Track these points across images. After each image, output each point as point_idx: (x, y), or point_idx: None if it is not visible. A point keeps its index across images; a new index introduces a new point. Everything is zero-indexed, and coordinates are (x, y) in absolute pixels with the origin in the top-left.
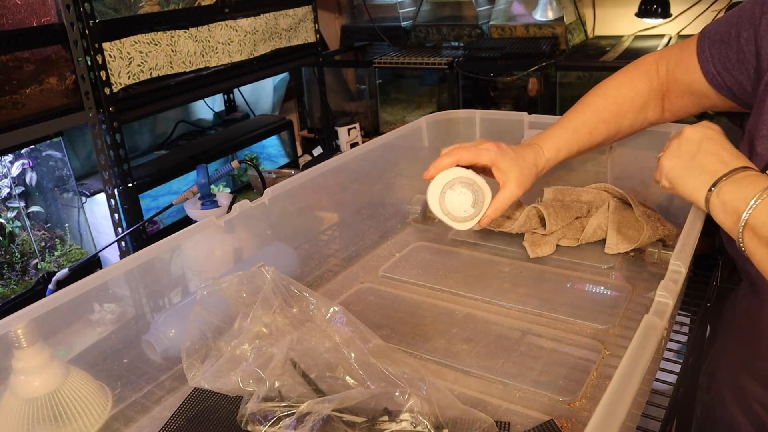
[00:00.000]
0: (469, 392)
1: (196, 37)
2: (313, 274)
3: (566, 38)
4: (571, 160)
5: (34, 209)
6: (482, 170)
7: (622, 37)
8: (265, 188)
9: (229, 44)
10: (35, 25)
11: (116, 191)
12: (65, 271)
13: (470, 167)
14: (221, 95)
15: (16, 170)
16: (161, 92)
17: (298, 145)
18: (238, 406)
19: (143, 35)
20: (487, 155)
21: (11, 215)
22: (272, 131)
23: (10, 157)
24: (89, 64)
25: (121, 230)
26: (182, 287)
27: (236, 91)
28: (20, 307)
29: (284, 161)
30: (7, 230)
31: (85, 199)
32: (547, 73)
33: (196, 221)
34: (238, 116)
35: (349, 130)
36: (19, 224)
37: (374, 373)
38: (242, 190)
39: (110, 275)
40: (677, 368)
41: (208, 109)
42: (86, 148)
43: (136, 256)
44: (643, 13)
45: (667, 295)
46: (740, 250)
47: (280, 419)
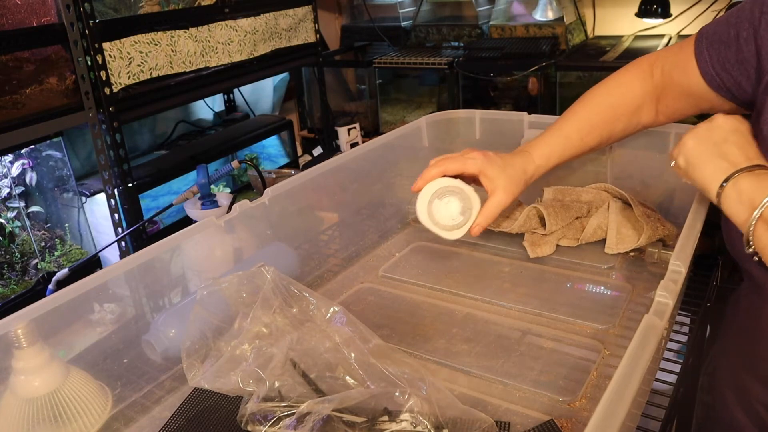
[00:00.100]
0: (469, 392)
1: (196, 37)
2: (313, 274)
3: (566, 38)
4: (569, 162)
5: (34, 209)
6: (471, 180)
7: (622, 37)
8: (265, 188)
9: (229, 44)
10: (35, 25)
11: (116, 191)
12: (65, 271)
13: (458, 177)
14: (221, 95)
15: (16, 170)
16: (161, 92)
17: (298, 145)
18: (238, 406)
19: (143, 35)
20: (473, 164)
21: (11, 215)
22: (272, 131)
23: (10, 157)
24: (89, 64)
25: (121, 230)
26: (182, 287)
27: (236, 91)
28: (20, 307)
29: (284, 161)
30: (7, 230)
31: (85, 199)
32: (547, 73)
33: (196, 221)
34: (238, 116)
35: (349, 130)
36: (19, 224)
37: (374, 373)
38: (242, 190)
39: (110, 275)
40: (677, 368)
41: (208, 109)
42: (86, 148)
43: (136, 256)
44: (643, 13)
45: (667, 295)
46: (747, 245)
47: (280, 419)
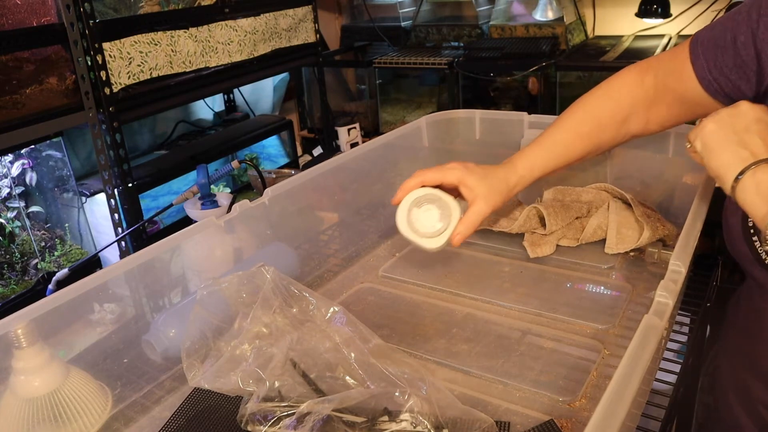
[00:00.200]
0: (469, 392)
1: (196, 37)
2: (313, 274)
3: (566, 38)
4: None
5: (34, 209)
6: (452, 191)
7: (622, 37)
8: (265, 188)
9: (229, 44)
10: (35, 25)
11: (116, 191)
12: (65, 271)
13: (438, 187)
14: (221, 95)
15: (16, 170)
16: (161, 92)
17: (298, 145)
18: (238, 406)
19: (143, 35)
20: (453, 174)
21: (11, 215)
22: (272, 131)
23: (10, 157)
24: (89, 64)
25: (121, 230)
26: (182, 287)
27: (236, 91)
28: (20, 307)
29: (284, 161)
30: (7, 230)
31: (85, 199)
32: (547, 73)
33: (196, 221)
34: (238, 116)
35: (349, 130)
36: (19, 224)
37: (374, 373)
38: (242, 190)
39: (110, 275)
40: (677, 368)
41: (208, 109)
42: (86, 148)
43: (136, 256)
44: (643, 13)
45: (667, 295)
46: (764, 242)
47: (280, 419)
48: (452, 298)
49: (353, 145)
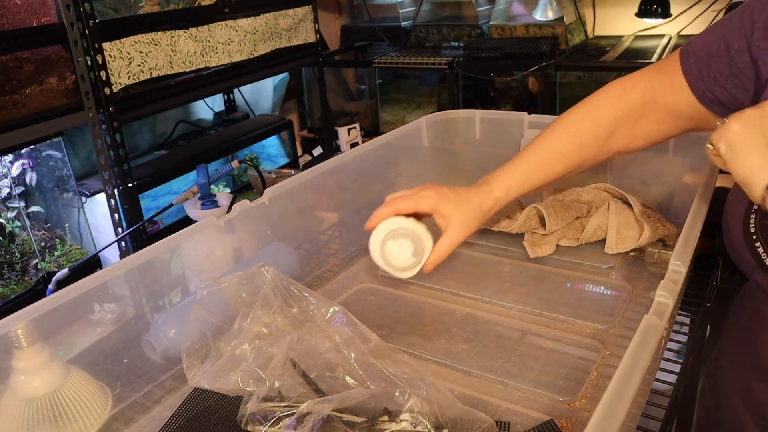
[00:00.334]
0: (469, 392)
1: (196, 37)
2: (313, 274)
3: (566, 38)
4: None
5: (34, 209)
6: (427, 216)
7: (622, 37)
8: (265, 188)
9: (229, 44)
10: (35, 25)
11: (116, 191)
12: (65, 271)
13: (413, 214)
14: (221, 95)
15: (16, 170)
16: (161, 92)
17: (298, 145)
18: (238, 406)
19: (143, 35)
20: (426, 202)
21: (11, 215)
22: (272, 131)
23: (10, 157)
24: (89, 64)
25: (121, 230)
26: (182, 287)
27: (236, 91)
28: (20, 307)
29: (284, 161)
30: (7, 230)
31: (85, 199)
32: (547, 73)
33: (196, 221)
34: (238, 116)
35: (349, 130)
36: (19, 224)
37: (374, 373)
38: (242, 190)
39: (110, 275)
40: (677, 368)
41: (208, 109)
42: (86, 148)
43: (136, 256)
44: (643, 13)
45: (667, 295)
46: None
47: (280, 419)
48: (452, 298)
49: (353, 145)
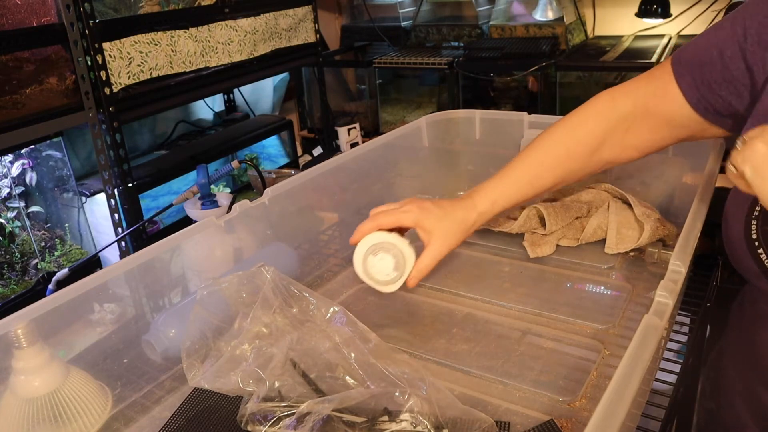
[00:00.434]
0: (469, 392)
1: (196, 37)
2: (313, 274)
3: (566, 38)
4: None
5: (34, 209)
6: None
7: (622, 37)
8: (265, 188)
9: (229, 44)
10: (35, 25)
11: (116, 191)
12: (65, 271)
13: (396, 229)
14: (221, 95)
15: (16, 170)
16: (161, 92)
17: (298, 145)
18: (238, 406)
19: (143, 35)
20: (408, 217)
21: (11, 215)
22: (272, 131)
23: (10, 157)
24: (89, 64)
25: (121, 230)
26: (182, 287)
27: (236, 91)
28: (20, 307)
29: (284, 161)
30: (7, 230)
31: (85, 199)
32: (547, 73)
33: (196, 221)
34: (238, 116)
35: (349, 130)
36: (19, 224)
37: (374, 373)
38: (242, 190)
39: (110, 275)
40: (677, 368)
41: (208, 109)
42: (86, 148)
43: (136, 256)
44: (643, 13)
45: (667, 295)
46: None
47: (280, 419)
48: (452, 298)
49: (353, 145)
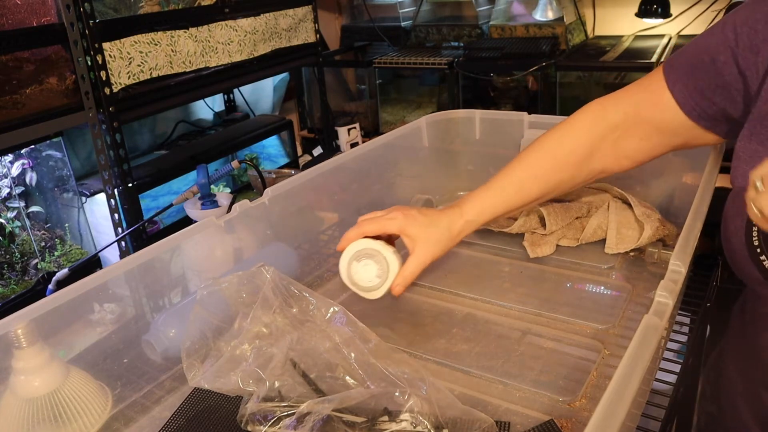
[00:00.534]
0: (469, 392)
1: (196, 37)
2: (313, 274)
3: (566, 38)
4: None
5: (34, 209)
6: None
7: (622, 37)
8: (265, 188)
9: (229, 44)
10: (35, 25)
11: (116, 191)
12: (65, 271)
13: (381, 237)
14: (221, 95)
15: (16, 170)
16: (161, 92)
17: (298, 145)
18: (238, 406)
19: (143, 35)
20: (392, 224)
21: (11, 215)
22: (272, 131)
23: (10, 157)
24: (89, 64)
25: (121, 230)
26: (182, 287)
27: (236, 91)
28: (20, 307)
29: (284, 161)
30: (7, 230)
31: (85, 199)
32: (547, 73)
33: (196, 221)
34: (238, 116)
35: (349, 130)
36: (19, 224)
37: (374, 373)
38: (242, 190)
39: (110, 275)
40: (677, 368)
41: (208, 109)
42: (86, 148)
43: (136, 256)
44: (643, 13)
45: (667, 295)
46: None
47: (280, 419)
48: (452, 298)
49: (353, 145)
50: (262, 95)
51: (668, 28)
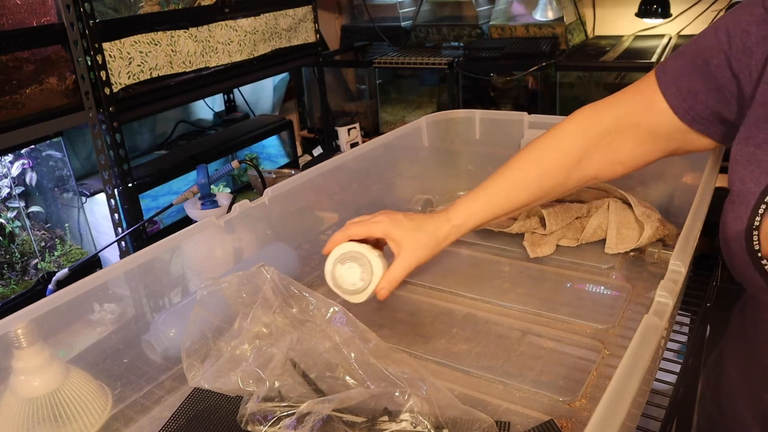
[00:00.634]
0: (469, 392)
1: (196, 37)
2: (313, 274)
3: (566, 38)
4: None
5: (34, 209)
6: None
7: (622, 37)
8: (265, 188)
9: (229, 44)
10: (35, 25)
11: (116, 191)
12: (65, 271)
13: (368, 241)
14: (221, 95)
15: (16, 170)
16: (161, 92)
17: (298, 145)
18: (238, 406)
19: (143, 35)
20: (378, 228)
21: (11, 215)
22: (272, 131)
23: (10, 157)
24: (89, 64)
25: (121, 230)
26: (182, 287)
27: (236, 91)
28: (20, 307)
29: (284, 161)
30: (7, 230)
31: (85, 199)
32: (547, 73)
33: (196, 221)
34: (238, 116)
35: (349, 130)
36: (19, 224)
37: (374, 373)
38: (242, 190)
39: (110, 275)
40: (677, 368)
41: (208, 109)
42: (86, 148)
43: (136, 256)
44: (643, 13)
45: (667, 295)
46: None
47: (280, 419)
48: (452, 298)
49: (353, 145)
50: (262, 95)
51: (668, 28)
